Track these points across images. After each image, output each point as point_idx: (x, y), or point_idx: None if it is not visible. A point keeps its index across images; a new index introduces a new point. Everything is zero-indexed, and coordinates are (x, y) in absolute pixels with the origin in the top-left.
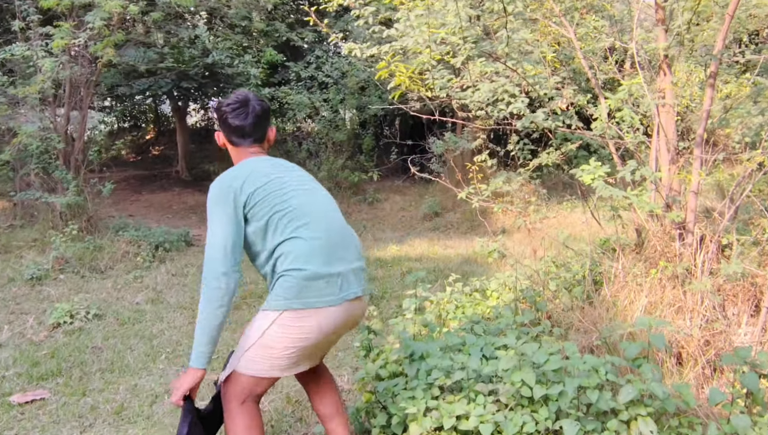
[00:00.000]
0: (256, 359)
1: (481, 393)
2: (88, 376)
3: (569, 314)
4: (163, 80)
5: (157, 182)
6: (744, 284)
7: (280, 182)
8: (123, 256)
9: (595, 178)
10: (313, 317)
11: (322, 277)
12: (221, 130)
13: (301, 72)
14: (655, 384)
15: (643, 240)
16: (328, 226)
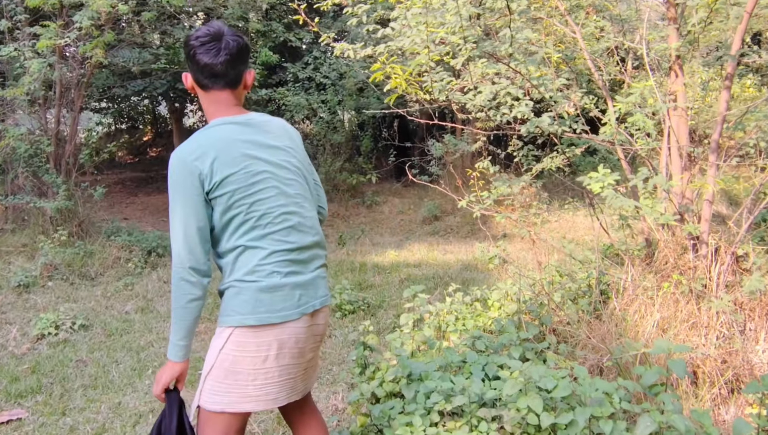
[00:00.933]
0: (220, 390)
1: (484, 419)
2: (69, 393)
3: (575, 328)
4: (158, 81)
5: (153, 184)
6: (761, 299)
7: (253, 172)
8: (114, 262)
9: (604, 187)
10: (271, 332)
11: (279, 289)
12: (189, 69)
13: (299, 73)
14: (676, 417)
15: (653, 250)
16: (298, 235)
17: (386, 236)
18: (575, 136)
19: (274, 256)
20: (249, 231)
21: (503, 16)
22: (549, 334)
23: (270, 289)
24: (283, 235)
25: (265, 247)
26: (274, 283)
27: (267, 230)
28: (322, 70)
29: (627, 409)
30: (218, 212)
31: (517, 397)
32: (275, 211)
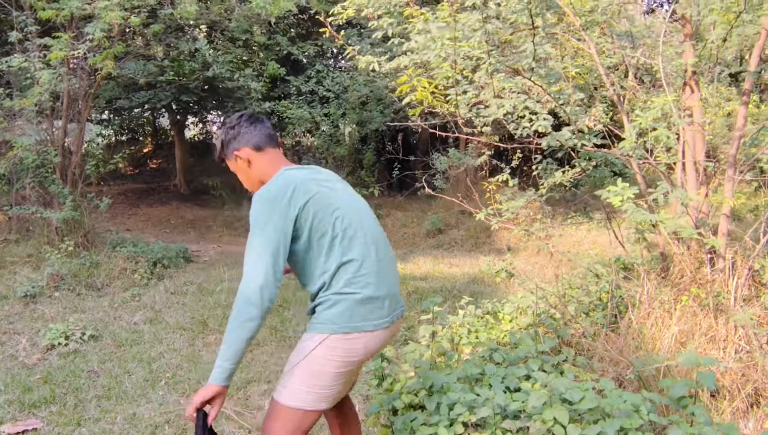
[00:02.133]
0: (302, 390)
1: (509, 431)
2: (83, 403)
3: (592, 341)
4: (162, 93)
5: (155, 196)
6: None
7: (327, 197)
8: (120, 273)
9: (624, 200)
10: (362, 340)
11: (373, 301)
12: (240, 146)
13: (302, 86)
14: (708, 429)
15: (668, 264)
16: (377, 248)
17: None
18: (593, 150)
19: (365, 266)
20: (340, 245)
21: (520, 30)
22: (565, 346)
23: (366, 300)
24: (368, 245)
25: (357, 259)
26: (369, 294)
27: (355, 242)
28: (324, 84)
29: (654, 421)
30: (305, 239)
31: (542, 409)
32: (354, 224)
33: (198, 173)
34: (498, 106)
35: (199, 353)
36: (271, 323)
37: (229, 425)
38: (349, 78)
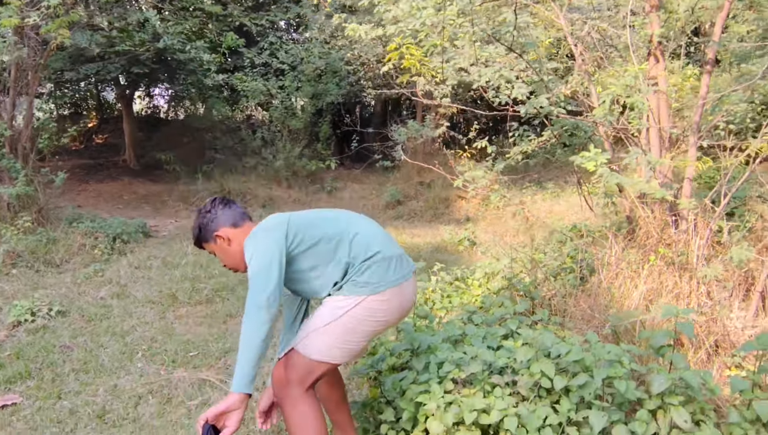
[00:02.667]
0: (335, 346)
1: (498, 386)
2: (60, 377)
3: (563, 302)
4: (112, 65)
5: (104, 172)
6: (734, 271)
7: (305, 216)
8: (79, 249)
9: (598, 165)
10: (396, 297)
11: (392, 258)
12: (219, 227)
13: (255, 58)
14: (688, 373)
15: (634, 227)
16: (374, 227)
17: None
18: (567, 118)
19: (370, 236)
20: (344, 238)
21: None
22: (538, 308)
23: (387, 259)
24: (369, 228)
25: (361, 232)
26: (387, 254)
27: (353, 225)
28: (278, 56)
29: (636, 370)
30: (304, 252)
31: (529, 363)
32: (343, 217)
33: (148, 148)
34: (479, 75)
35: (172, 326)
36: (242, 295)
37: (214, 393)
38: (304, 50)
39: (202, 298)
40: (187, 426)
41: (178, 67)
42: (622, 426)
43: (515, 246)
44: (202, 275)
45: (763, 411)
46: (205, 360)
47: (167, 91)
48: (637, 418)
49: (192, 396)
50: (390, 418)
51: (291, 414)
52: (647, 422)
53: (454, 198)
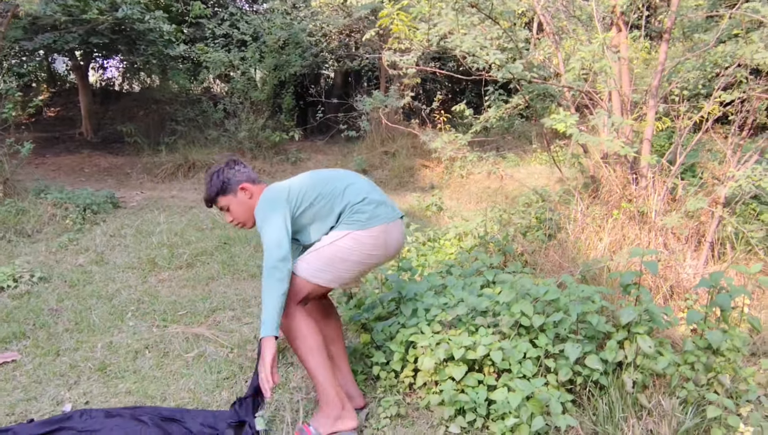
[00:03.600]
0: (324, 269)
1: (482, 326)
2: (55, 336)
3: (533, 257)
4: (69, 35)
5: (59, 145)
6: (686, 223)
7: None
8: (50, 219)
9: (568, 126)
10: (383, 235)
11: (380, 202)
12: (243, 180)
13: (216, 29)
14: (652, 306)
15: (597, 186)
16: (366, 180)
17: None
18: (539, 82)
19: (364, 186)
20: (338, 190)
21: None
22: (511, 261)
23: (376, 201)
24: (360, 181)
25: (354, 182)
26: (377, 199)
27: (346, 183)
28: (239, 27)
29: (605, 306)
30: (306, 207)
31: (511, 304)
32: (344, 180)
33: (105, 121)
34: (460, 41)
35: (156, 289)
36: (222, 259)
37: (209, 346)
38: (266, 21)
39: (182, 263)
40: (187, 375)
41: (138, 37)
42: (594, 355)
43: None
44: (179, 242)
45: (714, 339)
46: (195, 318)
47: (121, 63)
48: (608, 348)
49: (188, 349)
50: (381, 360)
51: (286, 326)
52: (616, 350)
53: (418, 167)
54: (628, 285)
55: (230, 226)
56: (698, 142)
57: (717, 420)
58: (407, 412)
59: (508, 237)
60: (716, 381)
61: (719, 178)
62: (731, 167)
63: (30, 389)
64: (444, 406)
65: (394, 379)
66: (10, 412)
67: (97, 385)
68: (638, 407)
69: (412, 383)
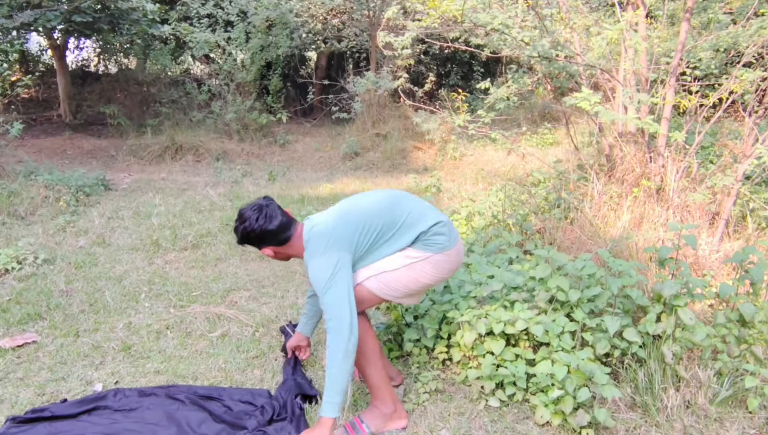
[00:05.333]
0: (398, 289)
1: (517, 301)
2: (71, 317)
3: (550, 235)
4: (51, 13)
5: (38, 127)
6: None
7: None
8: (43, 201)
9: (592, 105)
10: (455, 257)
11: (448, 223)
12: (267, 244)
13: (200, 9)
14: (694, 279)
15: (613, 165)
16: (416, 200)
17: (310, 172)
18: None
19: (430, 215)
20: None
21: None
22: (528, 240)
23: (447, 223)
24: (411, 201)
25: (415, 211)
26: (445, 219)
27: (406, 215)
28: (224, 7)
29: (641, 280)
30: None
31: (547, 279)
32: (394, 206)
33: (90, 102)
34: (492, 17)
35: (165, 270)
36: (227, 240)
37: (232, 325)
38: (254, 0)
39: (187, 244)
40: (214, 355)
41: (121, 16)
42: (632, 328)
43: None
44: (179, 223)
45: (747, 311)
46: (211, 298)
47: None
48: (647, 320)
49: (210, 329)
50: (413, 337)
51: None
52: (655, 323)
53: (410, 149)
54: (665, 259)
55: (231, 208)
56: (717, 120)
57: (753, 390)
58: (444, 387)
59: (526, 215)
60: (749, 352)
61: (737, 156)
62: (751, 145)
63: (56, 370)
64: (483, 380)
65: (427, 356)
66: (41, 392)
67: (124, 365)
68: (676, 378)
69: (446, 359)
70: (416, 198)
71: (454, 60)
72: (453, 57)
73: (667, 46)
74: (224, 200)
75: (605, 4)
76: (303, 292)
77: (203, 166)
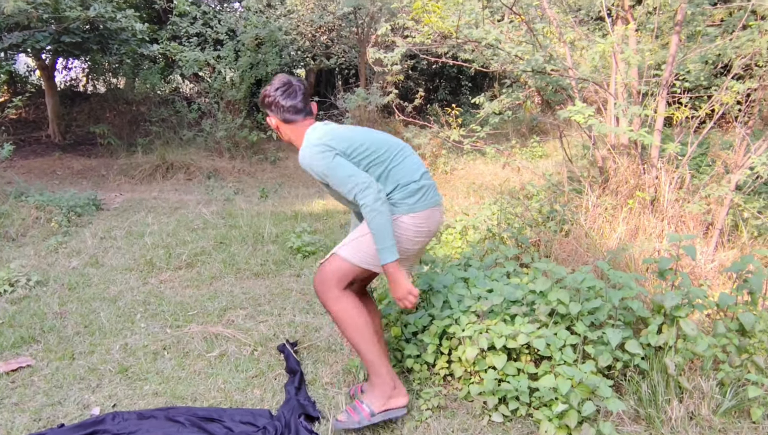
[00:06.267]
0: (367, 251)
1: (517, 315)
2: (66, 340)
3: (546, 248)
4: (40, 34)
5: (26, 148)
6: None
7: (360, 139)
8: (34, 222)
9: (587, 117)
10: (425, 221)
11: (429, 187)
12: (273, 114)
13: (189, 28)
14: (695, 289)
15: (606, 177)
16: (416, 157)
17: (302, 189)
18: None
19: (410, 166)
20: (384, 161)
21: None
22: (525, 252)
23: (427, 186)
24: (406, 157)
25: (402, 163)
26: (427, 182)
27: (392, 154)
28: (213, 26)
29: (641, 292)
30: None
31: (547, 293)
32: (391, 148)
33: (72, 122)
34: (486, 32)
35: (159, 290)
36: (222, 258)
37: (229, 345)
38: (242, 19)
39: (181, 263)
40: (213, 375)
41: (110, 36)
42: (633, 340)
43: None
44: (173, 242)
45: (747, 320)
46: (208, 318)
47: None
48: (649, 332)
49: (208, 349)
50: (414, 353)
51: (335, 310)
52: (656, 334)
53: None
54: (665, 270)
55: (224, 225)
56: (709, 131)
57: (756, 400)
58: (446, 403)
59: (521, 228)
60: (750, 362)
61: (729, 166)
62: (743, 155)
63: (52, 394)
64: (486, 396)
65: (428, 372)
66: (37, 417)
67: (121, 388)
68: (679, 390)
69: (447, 375)
70: (416, 154)
71: (442, 75)
72: (441, 72)
73: (654, 59)
74: (217, 218)
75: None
76: (300, 309)
77: (195, 184)
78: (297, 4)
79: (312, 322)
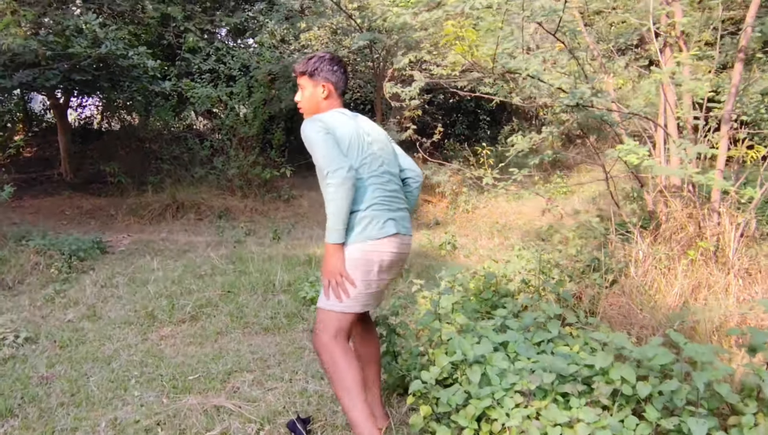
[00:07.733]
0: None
1: (570, 395)
2: (48, 413)
3: (591, 303)
4: (50, 72)
5: (37, 187)
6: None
7: (358, 145)
8: (33, 269)
9: (641, 157)
10: (377, 251)
11: (378, 217)
12: (309, 77)
13: (201, 64)
14: None
15: (659, 222)
16: (390, 189)
17: (317, 229)
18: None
19: (374, 192)
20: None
21: None
22: (566, 308)
23: (371, 216)
24: (381, 187)
25: (368, 186)
26: (375, 212)
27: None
28: (226, 62)
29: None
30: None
31: (608, 370)
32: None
33: (85, 160)
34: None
35: (159, 348)
36: (228, 310)
37: (232, 420)
38: (256, 54)
39: (184, 316)
40: None
41: (121, 73)
42: (722, 433)
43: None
44: (178, 291)
45: None
46: (210, 383)
47: (100, 100)
48: (744, 423)
49: (208, 425)
50: None
51: (328, 359)
52: (753, 426)
53: (420, 202)
54: (758, 345)
55: (233, 271)
56: None
57: None
58: None
59: (561, 280)
60: None
61: None
62: None
63: None
64: None
65: None
66: None
67: None
68: None
69: None
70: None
71: (459, 109)
72: (458, 106)
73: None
74: (226, 263)
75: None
76: (313, 374)
77: (205, 224)
78: (311, 38)
79: (327, 391)
